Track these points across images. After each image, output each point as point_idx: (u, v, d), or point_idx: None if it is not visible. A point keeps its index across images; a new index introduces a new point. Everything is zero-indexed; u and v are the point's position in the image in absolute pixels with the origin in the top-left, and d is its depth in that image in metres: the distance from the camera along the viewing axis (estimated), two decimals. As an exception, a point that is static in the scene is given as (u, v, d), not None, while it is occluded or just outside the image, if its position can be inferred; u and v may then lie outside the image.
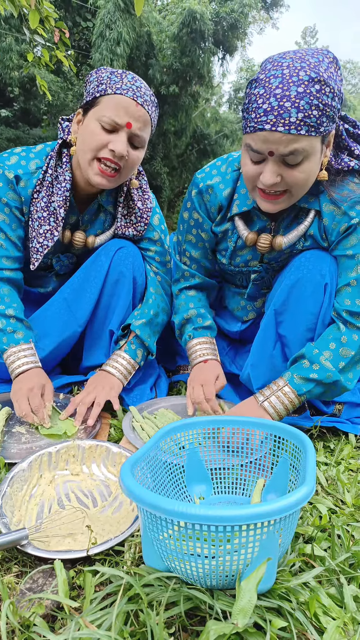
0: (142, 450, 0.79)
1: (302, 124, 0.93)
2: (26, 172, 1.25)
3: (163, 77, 11.53)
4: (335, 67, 0.96)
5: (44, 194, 1.25)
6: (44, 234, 1.26)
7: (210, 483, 0.94)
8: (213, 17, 11.79)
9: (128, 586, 0.64)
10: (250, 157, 1.03)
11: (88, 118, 1.17)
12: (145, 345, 1.38)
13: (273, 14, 16.92)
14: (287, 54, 0.96)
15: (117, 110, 1.12)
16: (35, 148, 1.30)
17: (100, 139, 1.14)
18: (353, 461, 1.14)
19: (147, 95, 1.17)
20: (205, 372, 1.29)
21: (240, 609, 0.56)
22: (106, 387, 1.28)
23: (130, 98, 1.13)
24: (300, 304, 1.17)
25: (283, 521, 0.61)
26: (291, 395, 1.12)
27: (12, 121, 12.60)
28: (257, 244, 1.22)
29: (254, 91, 0.96)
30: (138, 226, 1.39)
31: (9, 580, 0.68)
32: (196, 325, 1.38)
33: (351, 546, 0.78)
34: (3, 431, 1.16)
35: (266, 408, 1.13)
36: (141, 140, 1.19)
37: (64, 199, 1.24)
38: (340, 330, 1.12)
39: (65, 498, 0.92)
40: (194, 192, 1.28)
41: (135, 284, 1.39)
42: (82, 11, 11.76)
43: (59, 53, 3.51)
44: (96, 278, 1.36)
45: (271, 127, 0.94)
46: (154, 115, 1.21)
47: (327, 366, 1.10)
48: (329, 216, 1.14)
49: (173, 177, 14.28)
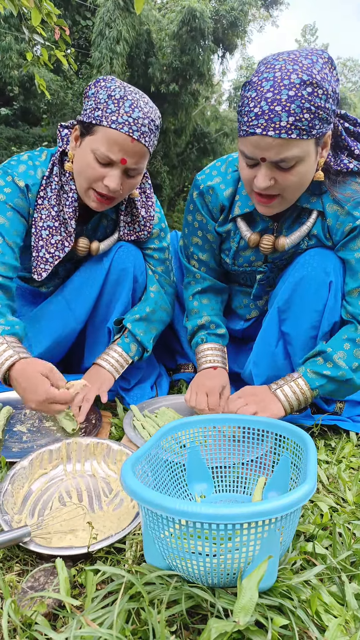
0: (143, 449, 0.79)
1: (294, 128, 0.92)
2: (35, 183, 1.23)
3: (163, 76, 11.50)
4: (330, 68, 0.96)
5: (54, 203, 1.23)
6: (55, 244, 1.25)
7: (211, 481, 0.94)
8: (213, 15, 11.76)
9: (129, 584, 0.64)
10: (245, 161, 1.03)
11: (84, 144, 1.13)
12: (138, 340, 1.36)
13: (273, 12, 16.86)
14: (281, 55, 0.96)
15: (111, 146, 1.08)
16: (40, 156, 1.27)
17: (94, 173, 1.12)
18: (354, 459, 1.14)
19: (145, 125, 1.09)
20: (213, 380, 1.28)
21: (241, 607, 0.56)
22: (96, 382, 1.27)
23: (125, 134, 1.07)
24: (304, 301, 1.17)
25: (284, 519, 0.61)
26: (304, 387, 1.12)
27: (12, 120, 12.59)
28: (260, 244, 1.22)
29: (247, 94, 0.97)
30: (141, 234, 1.38)
31: (10, 579, 0.68)
32: (210, 331, 1.38)
33: (352, 544, 0.78)
34: (4, 430, 1.16)
35: (278, 395, 1.13)
36: (138, 170, 1.16)
37: (74, 209, 1.23)
38: (357, 331, 1.13)
39: (66, 495, 0.92)
40: (195, 194, 1.29)
41: (136, 283, 1.39)
42: (81, 10, 11.74)
43: (57, 52, 3.50)
44: (97, 276, 1.35)
45: (262, 131, 0.94)
46: (152, 143, 1.15)
47: (340, 365, 1.10)
48: (332, 216, 1.14)
49: (173, 176, 14.26)
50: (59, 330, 1.38)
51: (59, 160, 1.24)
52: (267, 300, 1.40)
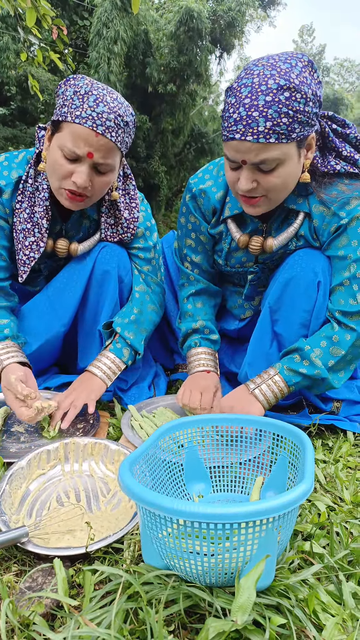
0: (141, 449, 0.79)
1: (272, 132, 0.94)
2: (9, 183, 1.23)
3: (160, 76, 11.50)
4: (311, 71, 0.97)
5: (26, 205, 1.24)
6: (29, 246, 1.25)
7: (209, 481, 0.94)
8: (210, 15, 11.76)
9: (127, 584, 0.64)
10: (229, 164, 1.05)
11: (53, 142, 1.14)
12: (128, 343, 1.34)
13: (270, 12, 16.90)
14: (261, 60, 0.97)
15: (76, 142, 1.08)
16: (17, 157, 1.27)
17: (63, 170, 1.12)
18: (351, 459, 1.14)
19: (110, 120, 1.08)
20: (207, 380, 1.29)
21: (239, 606, 0.56)
22: (86, 390, 1.25)
23: (89, 128, 1.06)
24: (294, 301, 1.18)
25: (282, 519, 0.61)
26: (281, 384, 1.14)
27: (9, 120, 12.57)
28: (249, 245, 1.23)
29: (228, 100, 0.99)
30: (125, 236, 1.37)
31: (8, 579, 0.68)
32: (203, 335, 1.38)
33: (350, 543, 0.78)
34: (2, 430, 1.16)
35: (257, 395, 1.14)
36: (108, 166, 1.14)
37: (45, 209, 1.23)
38: (334, 329, 1.14)
39: (64, 495, 0.92)
40: (188, 197, 1.30)
41: (122, 283, 1.38)
42: (78, 10, 11.72)
43: (52, 54, 3.49)
44: (79, 277, 1.34)
45: (240, 136, 0.96)
46: (121, 139, 1.13)
47: (316, 364, 1.12)
48: (319, 217, 1.15)
49: (171, 176, 14.25)
50: (43, 332, 1.36)
51: (35, 162, 1.24)
52: (260, 301, 1.40)
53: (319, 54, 29.64)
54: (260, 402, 1.14)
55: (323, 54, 29.98)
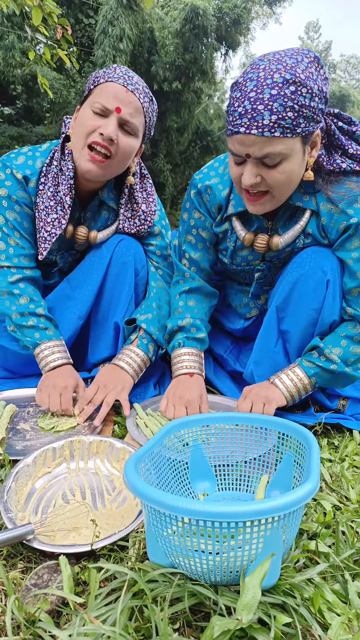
0: (146, 447, 0.79)
1: (276, 126, 0.93)
2: (34, 172, 1.27)
3: (166, 74, 11.48)
4: (317, 67, 0.96)
5: (50, 184, 1.27)
6: (51, 222, 1.28)
7: (214, 480, 0.94)
8: (216, 12, 11.72)
9: (132, 582, 0.64)
10: (233, 159, 1.04)
11: (82, 109, 1.21)
12: (154, 339, 1.37)
13: (276, 9, 16.82)
14: (267, 55, 0.97)
15: (107, 96, 1.16)
16: (41, 147, 1.32)
17: (91, 124, 1.17)
18: (357, 458, 1.14)
19: (139, 84, 1.19)
20: (191, 391, 1.24)
21: (244, 604, 0.56)
22: (118, 385, 1.26)
23: (120, 85, 1.16)
24: (302, 300, 1.17)
25: (287, 517, 0.61)
26: (300, 374, 1.16)
27: (15, 119, 12.62)
28: (255, 244, 1.22)
29: (233, 94, 0.98)
30: (141, 229, 1.40)
31: (14, 576, 0.68)
32: (189, 335, 1.34)
33: (355, 542, 0.78)
34: (8, 428, 1.16)
35: (276, 384, 1.17)
36: (133, 128, 1.20)
37: (69, 186, 1.26)
38: (356, 329, 1.15)
39: (69, 493, 0.92)
40: (193, 193, 1.29)
41: (137, 276, 1.40)
42: (84, 8, 11.72)
43: (60, 51, 3.50)
44: (97, 270, 1.37)
45: (245, 129, 0.95)
46: (146, 104, 1.22)
47: (332, 359, 1.14)
48: (326, 215, 1.14)
49: (176, 174, 14.24)
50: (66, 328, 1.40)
51: (61, 146, 1.28)
52: (266, 299, 1.40)
53: (325, 51, 29.46)
54: (280, 390, 1.16)
55: (329, 51, 29.79)
